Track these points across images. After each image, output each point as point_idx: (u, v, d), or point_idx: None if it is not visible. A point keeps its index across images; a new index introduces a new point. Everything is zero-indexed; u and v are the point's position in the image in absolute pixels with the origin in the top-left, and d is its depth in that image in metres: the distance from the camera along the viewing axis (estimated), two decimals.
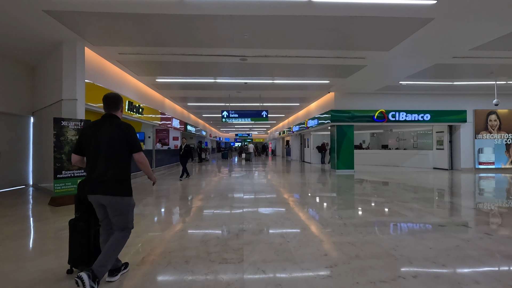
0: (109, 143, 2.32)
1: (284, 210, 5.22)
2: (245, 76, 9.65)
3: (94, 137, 2.34)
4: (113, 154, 2.32)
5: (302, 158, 21.37)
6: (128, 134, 2.37)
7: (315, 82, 10.59)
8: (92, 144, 2.33)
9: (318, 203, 5.96)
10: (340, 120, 12.55)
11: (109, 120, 2.41)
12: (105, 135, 2.33)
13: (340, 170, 12.58)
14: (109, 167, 2.30)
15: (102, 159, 2.31)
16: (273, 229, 4.01)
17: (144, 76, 9.74)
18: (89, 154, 2.35)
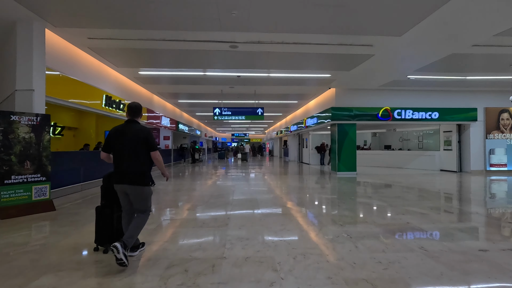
0: (131, 143, 2.82)
1: (279, 225, 4.25)
2: (237, 68, 8.67)
3: (120, 138, 2.84)
4: (135, 152, 2.82)
5: (300, 159, 20.42)
6: (146, 137, 2.86)
7: (315, 76, 9.63)
8: (118, 144, 2.84)
9: (319, 215, 4.99)
10: (341, 118, 11.60)
11: (132, 125, 2.92)
12: (128, 136, 2.83)
13: (341, 172, 11.63)
14: (132, 162, 2.82)
15: (126, 156, 2.82)
16: (262, 255, 3.04)
17: (124, 68, 8.74)
18: (115, 152, 2.87)
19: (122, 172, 2.83)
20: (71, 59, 6.89)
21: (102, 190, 3.28)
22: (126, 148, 2.82)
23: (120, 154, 2.85)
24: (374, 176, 11.09)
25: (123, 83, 9.77)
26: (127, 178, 2.81)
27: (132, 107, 3.01)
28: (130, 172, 2.81)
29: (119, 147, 2.84)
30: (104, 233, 3.14)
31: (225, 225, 4.21)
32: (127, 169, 2.81)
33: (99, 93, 8.00)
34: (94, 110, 7.82)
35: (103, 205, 3.23)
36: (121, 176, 2.83)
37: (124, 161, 2.83)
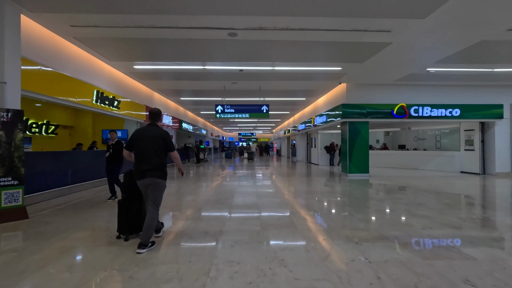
0: (152, 144, 3.28)
1: (280, 242, 3.51)
2: (239, 60, 7.95)
3: (141, 139, 3.29)
4: (155, 151, 3.28)
5: (309, 159, 19.58)
6: (165, 138, 3.33)
7: (324, 70, 8.82)
8: (140, 144, 3.28)
9: (330, 228, 4.22)
10: (352, 116, 10.75)
11: (152, 127, 3.39)
12: (149, 138, 3.29)
13: (353, 174, 10.79)
14: (152, 160, 3.27)
15: (147, 155, 3.26)
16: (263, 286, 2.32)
17: (118, 62, 8.13)
18: (137, 151, 3.29)
19: (142, 168, 3.25)
20: (56, 50, 6.31)
21: (123, 186, 3.72)
22: (147, 148, 3.26)
23: (142, 153, 3.27)
24: (388, 178, 10.20)
25: (118, 79, 9.18)
26: (148, 172, 3.24)
27: (151, 113, 3.51)
28: (151, 168, 3.25)
29: (141, 147, 3.27)
30: (124, 224, 3.54)
31: (216, 241, 3.50)
32: (148, 165, 3.25)
33: (89, 88, 7.41)
34: (83, 107, 7.24)
35: (123, 199, 3.65)
36: (142, 172, 3.25)
37: (145, 159, 3.26)
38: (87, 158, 7.81)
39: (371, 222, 4.38)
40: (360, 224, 4.25)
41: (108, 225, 4.19)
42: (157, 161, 3.28)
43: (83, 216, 4.77)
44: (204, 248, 3.28)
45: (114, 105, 8.58)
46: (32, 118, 8.89)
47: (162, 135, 3.31)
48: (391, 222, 4.36)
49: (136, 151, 3.30)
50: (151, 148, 3.26)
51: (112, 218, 4.57)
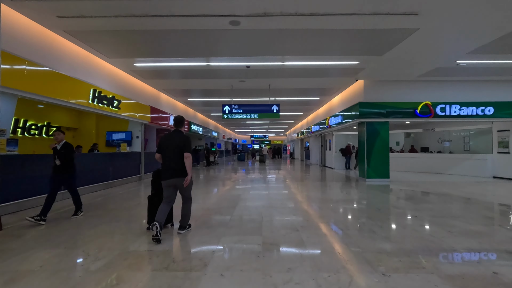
0: (176, 148, 3.70)
1: (284, 271, 2.77)
2: (245, 55, 7.28)
3: (168, 143, 3.74)
4: (179, 154, 3.70)
5: (323, 162, 18.63)
6: (185, 142, 3.74)
7: (340, 64, 8.00)
8: (167, 148, 3.72)
9: (348, 249, 3.42)
10: (371, 115, 9.84)
11: (177, 133, 3.83)
12: (174, 142, 3.72)
13: (371, 179, 9.85)
14: (177, 161, 3.69)
15: (172, 157, 3.69)
16: None
17: (116, 59, 7.65)
18: (164, 154, 3.74)
19: (169, 169, 3.68)
20: (47, 46, 5.86)
21: (152, 183, 4.22)
22: (172, 152, 3.68)
23: (168, 156, 3.70)
24: (411, 184, 9.20)
25: (119, 78, 8.73)
26: (175, 173, 3.67)
27: (175, 120, 3.96)
28: (176, 168, 3.67)
29: (167, 150, 3.71)
30: (153, 217, 3.82)
31: (203, 267, 2.81)
32: (174, 166, 3.67)
33: (85, 87, 6.94)
34: (79, 107, 6.77)
35: (153, 195, 4.13)
36: (169, 172, 3.68)
37: (171, 160, 3.68)
38: (84, 161, 7.34)
39: (400, 242, 3.55)
40: (385, 245, 3.43)
41: (85, 245, 3.58)
42: (181, 164, 3.71)
43: (64, 227, 4.21)
44: (186, 278, 2.59)
45: (114, 105, 8.10)
46: (32, 120, 8.57)
47: (183, 140, 3.77)
48: (425, 242, 3.52)
49: (163, 155, 3.78)
50: (175, 152, 3.71)
51: (94, 233, 3.98)
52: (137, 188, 8.33)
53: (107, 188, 8.18)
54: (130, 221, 4.61)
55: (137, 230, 4.09)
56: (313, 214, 5.05)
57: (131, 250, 3.28)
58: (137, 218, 4.80)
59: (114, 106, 8.12)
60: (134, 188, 8.39)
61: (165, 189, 3.79)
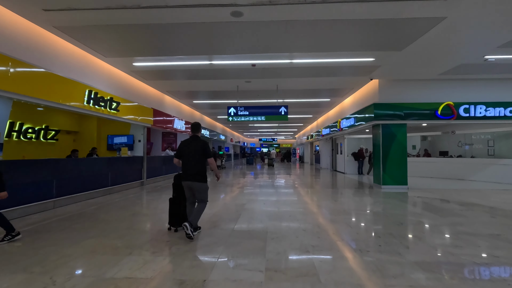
0: (194, 152, 3.99)
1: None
2: (249, 52, 6.74)
3: (186, 148, 4.04)
4: (196, 158, 3.97)
5: (334, 167, 17.85)
6: (203, 147, 4.01)
7: (353, 62, 7.35)
8: (186, 152, 4.03)
9: (375, 285, 2.79)
10: (386, 117, 9.12)
11: (194, 138, 4.12)
12: (192, 147, 4.02)
13: (387, 186, 9.10)
14: (195, 166, 3.96)
15: (191, 161, 3.98)
16: None
17: (114, 58, 7.23)
18: (183, 158, 4.04)
19: (188, 172, 4.00)
20: (36, 44, 5.46)
21: (173, 186, 4.43)
22: (190, 157, 4.00)
23: (187, 160, 4.02)
24: (433, 191, 8.41)
25: (119, 79, 8.32)
26: (192, 177, 3.97)
27: (192, 126, 4.25)
28: (194, 173, 3.97)
29: (186, 155, 4.04)
30: (174, 218, 4.26)
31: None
32: (192, 170, 3.98)
33: (79, 88, 6.53)
34: (72, 109, 6.34)
35: (174, 197, 4.37)
36: (187, 175, 4.00)
37: (190, 165, 3.99)
38: (79, 166, 6.92)
39: (433, 272, 2.89)
40: (418, 275, 2.77)
41: (55, 269, 3.06)
42: (198, 168, 3.96)
43: (41, 243, 3.71)
44: None
45: (112, 107, 7.67)
46: (29, 123, 8.24)
47: (201, 145, 4.02)
48: (467, 268, 2.85)
49: (182, 159, 4.08)
50: (193, 156, 3.98)
51: (72, 252, 3.46)
52: (137, 195, 7.85)
53: (106, 195, 7.74)
54: (118, 236, 4.08)
55: (122, 248, 3.55)
56: (325, 229, 4.41)
57: (107, 278, 2.74)
58: (126, 232, 4.27)
59: (113, 108, 7.69)
60: (134, 194, 7.92)
61: (186, 191, 4.15)
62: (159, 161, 11.53)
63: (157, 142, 15.80)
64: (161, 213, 5.58)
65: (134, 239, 3.94)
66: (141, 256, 3.30)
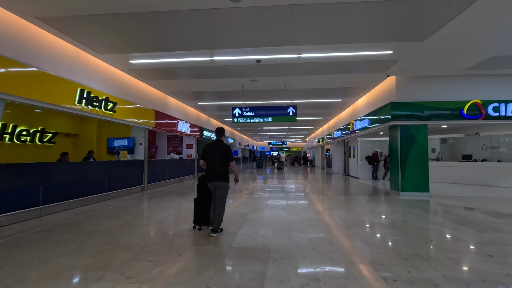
0: (218, 155, 4.25)
1: None
2: (253, 45, 6.13)
3: (210, 151, 4.31)
4: (220, 161, 4.24)
5: (346, 171, 16.97)
6: (226, 150, 4.29)
7: (368, 55, 6.64)
8: (210, 155, 4.29)
9: None
10: (405, 118, 8.33)
11: (218, 142, 4.38)
12: (216, 150, 4.29)
13: (407, 193, 8.27)
14: (218, 167, 4.23)
15: (215, 163, 4.24)
16: None
17: (109, 54, 6.76)
18: (208, 160, 4.30)
19: (212, 173, 4.24)
20: (22, 39, 5.04)
21: (197, 187, 4.71)
22: (214, 159, 4.25)
23: (211, 162, 4.27)
24: (459, 200, 7.53)
25: (116, 78, 7.87)
26: (216, 177, 4.22)
27: (216, 131, 4.47)
28: (218, 173, 4.22)
29: (210, 157, 4.29)
30: (198, 217, 4.54)
31: None
32: (216, 171, 4.23)
33: (70, 86, 6.06)
34: (61, 109, 5.88)
35: (198, 198, 4.65)
36: (212, 176, 4.25)
37: (214, 166, 4.25)
38: (71, 170, 6.44)
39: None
40: None
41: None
42: (221, 169, 4.22)
43: (3, 262, 3.17)
44: None
45: (108, 108, 7.20)
46: (23, 125, 7.87)
47: (224, 148, 4.28)
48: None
49: (206, 161, 4.30)
50: (217, 159, 4.23)
51: (34, 275, 2.88)
52: (135, 201, 7.32)
53: (101, 201, 7.24)
54: (95, 253, 3.50)
55: (93, 271, 2.95)
56: (339, 247, 3.70)
57: None
58: (106, 248, 3.69)
59: (108, 109, 7.21)
60: (131, 201, 7.39)
61: (212, 191, 4.40)
62: (161, 165, 11.03)
63: (163, 145, 15.39)
64: (153, 223, 5.00)
65: (111, 258, 3.34)
66: (112, 282, 2.70)
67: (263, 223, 5.03)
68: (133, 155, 9.68)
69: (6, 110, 7.35)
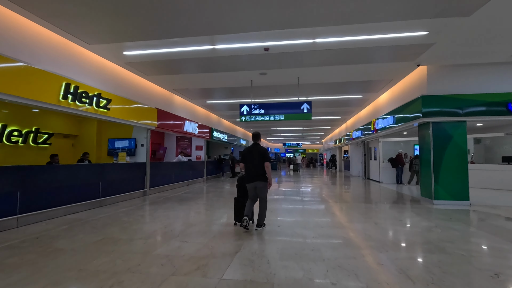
0: (257, 157, 4.59)
1: None
2: (259, 29, 5.23)
3: (249, 154, 4.67)
4: (258, 162, 4.56)
5: (367, 175, 15.69)
6: (264, 153, 4.63)
7: (397, 38, 5.57)
8: (248, 158, 4.67)
9: None
10: (439, 113, 7.16)
11: (256, 145, 4.75)
12: (255, 153, 4.64)
13: (442, 201, 7.10)
14: (257, 169, 4.57)
15: (254, 165, 4.59)
16: None
17: (99, 44, 6.05)
18: (247, 163, 4.68)
19: (252, 175, 4.60)
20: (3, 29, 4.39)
21: (237, 187, 5.09)
22: (253, 161, 4.60)
23: (250, 164, 4.63)
24: (508, 209, 6.28)
25: (111, 73, 7.19)
26: (256, 177, 4.57)
27: (253, 135, 4.88)
28: (257, 174, 4.56)
29: (249, 160, 4.65)
30: (238, 214, 4.91)
31: None
32: (255, 172, 4.57)
33: (53, 80, 5.39)
34: (43, 105, 5.21)
35: (238, 196, 5.03)
36: (252, 177, 4.60)
37: (252, 169, 4.60)
38: (58, 174, 5.77)
39: None
40: None
41: None
42: (260, 170, 4.57)
43: None
44: None
45: (101, 105, 6.51)
46: (14, 125, 7.34)
47: (261, 151, 4.65)
48: None
49: (246, 163, 4.71)
50: (256, 161, 4.60)
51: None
52: (131, 209, 6.58)
53: (94, 208, 6.56)
54: (47, 285, 2.70)
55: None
56: (371, 283, 2.71)
57: None
58: (63, 278, 2.88)
59: (101, 106, 6.52)
60: (127, 208, 6.66)
61: (249, 191, 4.69)
62: (166, 168, 10.30)
63: (172, 147, 14.77)
64: (137, 239, 4.18)
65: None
66: None
67: (270, 241, 4.10)
68: (134, 157, 9.01)
69: None
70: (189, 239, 4.17)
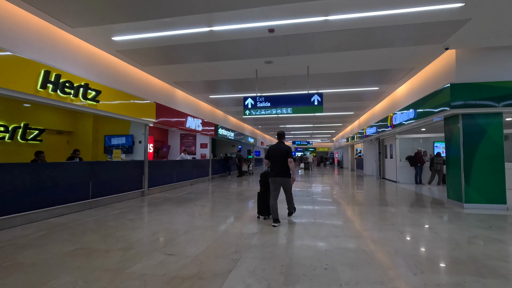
0: (280, 155, 4.86)
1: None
2: (260, 3, 4.48)
3: (274, 152, 4.95)
4: (282, 159, 4.84)
5: (382, 174, 14.69)
6: (287, 150, 4.89)
7: (423, 12, 4.72)
8: (274, 155, 4.93)
9: None
10: (470, 104, 6.24)
11: (280, 143, 5.05)
12: (279, 151, 4.92)
13: (474, 204, 6.20)
14: (281, 165, 4.84)
15: (278, 162, 4.86)
16: None
17: (85, 27, 5.43)
18: (272, 159, 4.96)
19: (276, 171, 4.86)
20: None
21: (260, 182, 5.36)
22: (278, 158, 4.88)
23: (275, 161, 4.90)
24: None
25: (102, 63, 6.60)
26: (280, 173, 4.85)
27: (278, 134, 5.19)
28: (281, 171, 4.84)
29: (274, 157, 4.93)
30: (262, 208, 5.19)
31: None
32: (278, 168, 4.86)
33: (30, 67, 4.79)
34: (17, 95, 4.62)
35: (261, 191, 5.25)
36: (276, 173, 4.86)
37: (276, 164, 4.87)
38: (37, 174, 5.18)
39: None
40: None
41: None
42: (284, 167, 4.84)
43: None
44: None
45: (89, 97, 5.91)
46: (1, 120, 6.83)
47: (285, 149, 4.91)
48: None
49: (271, 160, 4.97)
50: (280, 158, 4.86)
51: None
52: (122, 211, 5.96)
53: (83, 210, 5.98)
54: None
55: None
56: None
57: None
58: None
59: (89, 98, 5.92)
60: (119, 210, 6.05)
61: (271, 184, 4.96)
62: (167, 166, 9.68)
63: (176, 145, 14.21)
64: (116, 250, 3.51)
65: None
66: None
67: (274, 255, 3.35)
68: (132, 155, 8.42)
69: None
70: (176, 251, 3.47)
